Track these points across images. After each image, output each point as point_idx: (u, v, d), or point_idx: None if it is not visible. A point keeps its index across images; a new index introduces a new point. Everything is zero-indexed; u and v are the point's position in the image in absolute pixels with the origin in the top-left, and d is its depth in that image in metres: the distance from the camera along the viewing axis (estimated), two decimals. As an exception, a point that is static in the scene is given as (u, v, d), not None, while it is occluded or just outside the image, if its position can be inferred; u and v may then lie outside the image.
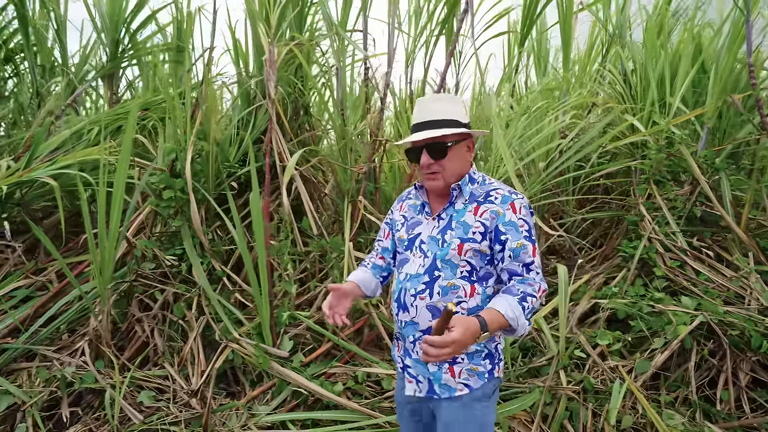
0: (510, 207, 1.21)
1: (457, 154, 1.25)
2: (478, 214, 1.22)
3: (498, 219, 1.20)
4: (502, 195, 1.23)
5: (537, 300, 1.16)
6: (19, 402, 2.09)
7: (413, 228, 1.30)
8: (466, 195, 1.25)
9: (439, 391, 1.24)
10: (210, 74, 2.88)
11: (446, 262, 1.21)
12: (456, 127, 1.23)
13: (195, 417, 1.99)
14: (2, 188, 2.54)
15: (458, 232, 1.21)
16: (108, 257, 2.14)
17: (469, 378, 1.22)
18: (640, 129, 3.10)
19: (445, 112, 1.24)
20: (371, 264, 1.44)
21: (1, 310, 2.50)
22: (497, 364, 1.27)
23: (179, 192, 2.55)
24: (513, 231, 1.19)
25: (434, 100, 1.27)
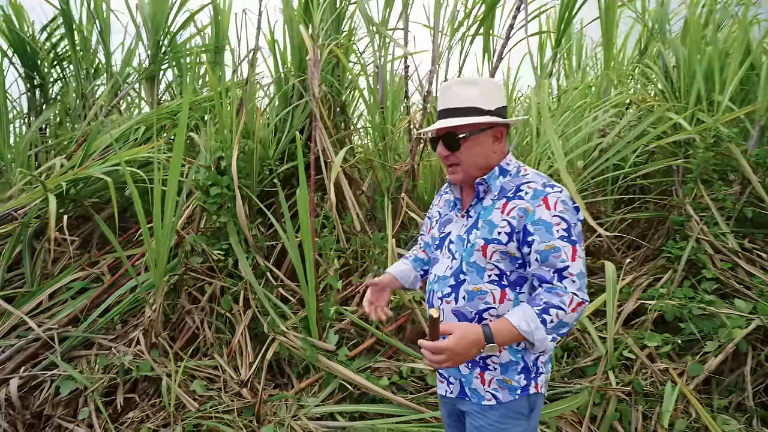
0: (542, 203, 1.05)
1: (475, 145, 1.12)
2: (505, 211, 1.09)
3: (527, 217, 1.06)
4: (534, 189, 1.08)
5: (566, 313, 1.00)
6: (81, 387, 2.20)
7: (444, 226, 1.22)
8: (495, 190, 1.13)
9: (469, 394, 1.17)
10: (254, 74, 2.96)
11: (472, 265, 1.11)
12: (475, 115, 1.10)
13: (246, 406, 2.05)
14: (63, 185, 2.67)
15: (483, 231, 1.10)
16: (163, 250, 2.23)
17: (499, 390, 1.12)
18: (686, 127, 3.01)
19: (464, 98, 1.11)
20: (413, 256, 1.40)
21: (61, 300, 2.63)
22: (535, 379, 1.13)
23: (225, 189, 2.63)
24: (543, 231, 1.04)
25: (456, 84, 1.14)
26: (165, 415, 2.10)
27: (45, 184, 2.70)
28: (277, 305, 2.43)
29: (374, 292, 1.29)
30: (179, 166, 2.23)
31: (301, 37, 3.12)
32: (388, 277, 1.33)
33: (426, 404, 2.03)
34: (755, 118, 2.94)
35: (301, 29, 2.74)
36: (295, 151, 3.22)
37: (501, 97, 1.15)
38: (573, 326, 1.05)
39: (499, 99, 1.14)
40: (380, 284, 1.29)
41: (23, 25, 4.37)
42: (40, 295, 2.55)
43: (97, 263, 2.92)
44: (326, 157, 2.56)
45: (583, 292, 1.04)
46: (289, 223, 2.26)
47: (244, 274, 2.50)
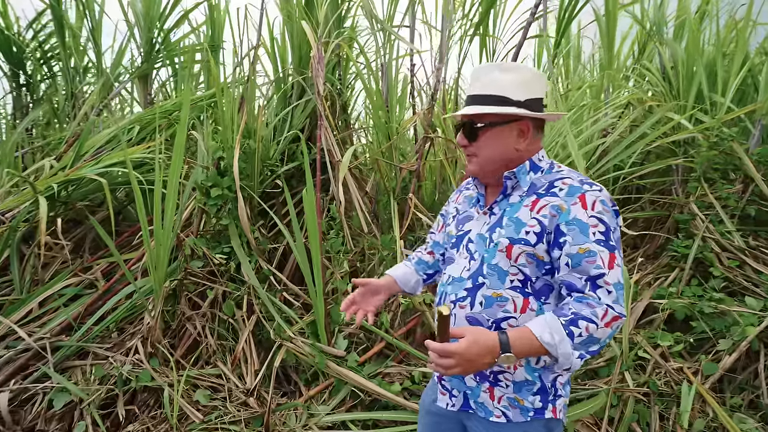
0: (578, 200, 0.94)
1: (494, 137, 1.02)
2: (535, 209, 0.98)
3: (560, 216, 0.95)
4: (570, 185, 0.97)
5: (598, 328, 0.88)
6: (76, 400, 2.09)
7: (463, 223, 1.11)
8: (524, 185, 1.03)
9: (474, 407, 1.06)
10: (255, 72, 2.88)
11: (493, 268, 1.00)
12: (501, 104, 0.99)
13: (254, 417, 1.96)
14: (54, 187, 2.55)
15: (508, 230, 0.99)
16: (163, 255, 2.13)
17: (510, 408, 1.02)
18: (688, 127, 3.02)
19: (492, 85, 1.00)
20: (416, 259, 1.30)
21: (53, 308, 2.51)
22: (553, 402, 1.01)
23: (227, 190, 2.54)
24: (577, 232, 0.93)
25: (488, 68, 1.03)
26: (167, 427, 2.00)
27: (34, 185, 2.58)
28: (282, 310, 2.35)
29: (361, 294, 1.19)
30: (180, 166, 2.14)
31: (300, 35, 3.06)
32: (388, 280, 1.23)
33: (440, 410, 1.97)
34: (755, 117, 2.97)
35: (305, 26, 2.67)
36: (296, 151, 3.17)
37: (537, 89, 1.04)
38: (606, 344, 0.91)
39: (535, 90, 1.03)
40: (370, 285, 1.19)
41: (8, 21, 4.21)
42: (30, 302, 2.43)
43: (90, 268, 2.80)
44: (332, 157, 2.49)
45: (620, 305, 0.91)
46: (296, 226, 2.18)
47: (247, 278, 2.41)
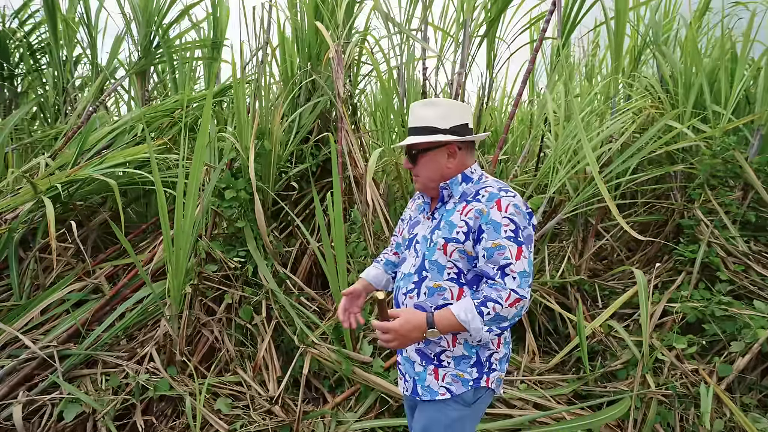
0: (495, 204, 1.14)
1: (430, 161, 1.23)
2: (464, 213, 1.18)
3: (481, 218, 1.14)
4: (490, 192, 1.17)
5: (503, 308, 1.08)
6: (89, 411, 1.99)
7: (413, 227, 1.31)
8: (456, 194, 1.23)
9: (421, 392, 1.23)
10: (266, 73, 2.81)
11: (433, 263, 1.19)
12: (430, 134, 1.20)
13: (281, 425, 1.91)
14: (58, 187, 2.43)
15: (444, 231, 1.19)
16: (183, 259, 2.06)
17: (453, 383, 1.20)
18: (691, 135, 3.12)
19: (423, 119, 1.22)
20: (384, 260, 1.47)
21: (56, 315, 2.39)
22: (487, 374, 1.21)
23: (243, 191, 2.48)
24: (491, 230, 1.12)
25: (418, 106, 1.25)
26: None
27: (36, 185, 2.45)
28: (303, 314, 2.31)
29: (349, 300, 1.38)
30: (201, 168, 2.07)
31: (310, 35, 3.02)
32: (363, 284, 1.41)
33: (469, 415, 1.96)
34: (755, 127, 3.09)
35: (320, 27, 2.63)
36: (304, 152, 3.12)
37: (459, 117, 1.23)
38: (515, 321, 1.12)
39: (457, 118, 1.23)
40: (354, 293, 1.37)
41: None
42: (34, 308, 2.30)
43: (93, 272, 2.68)
44: (351, 160, 2.46)
45: (523, 289, 1.10)
46: (323, 228, 2.14)
47: (265, 282, 2.35)
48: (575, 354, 2.58)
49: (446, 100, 1.27)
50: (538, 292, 3.03)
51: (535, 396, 2.12)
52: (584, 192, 3.08)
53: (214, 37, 4.11)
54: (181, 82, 4.07)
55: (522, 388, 2.19)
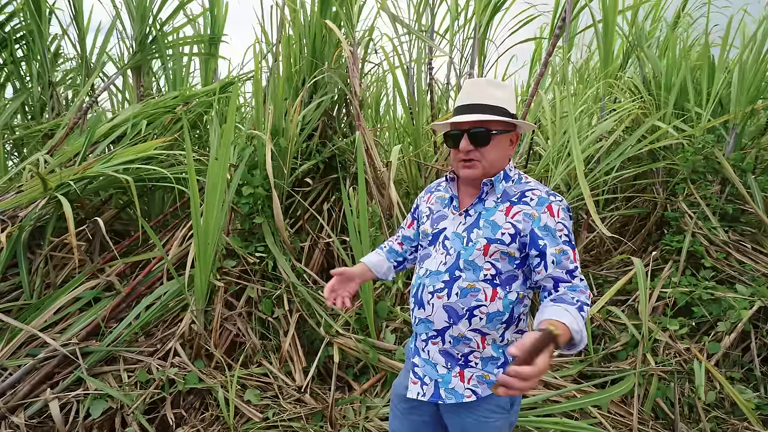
0: (547, 210, 1.11)
1: (500, 144, 1.16)
2: (510, 214, 1.13)
3: (533, 223, 1.11)
4: (539, 197, 1.14)
5: (589, 306, 1.08)
6: (116, 406, 2.00)
7: (438, 222, 1.22)
8: (498, 192, 1.17)
9: (444, 396, 1.16)
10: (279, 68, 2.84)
11: (469, 263, 1.13)
12: (505, 115, 1.14)
13: (313, 413, 1.98)
14: (71, 184, 2.40)
15: (486, 231, 1.13)
16: (209, 254, 2.09)
17: (479, 385, 1.15)
18: (674, 134, 3.37)
19: (495, 97, 1.14)
20: (388, 248, 1.42)
21: (70, 313, 2.36)
22: None
23: (260, 188, 2.51)
24: (550, 236, 1.10)
25: (486, 82, 1.17)
26: (219, 429, 1.98)
27: (47, 182, 2.41)
28: (324, 306, 2.37)
29: (339, 281, 1.29)
30: (227, 164, 2.10)
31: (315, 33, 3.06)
32: (361, 268, 1.34)
33: (489, 396, 2.09)
34: (729, 125, 3.36)
35: (332, 27, 2.69)
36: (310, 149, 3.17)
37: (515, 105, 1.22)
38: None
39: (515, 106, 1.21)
40: (345, 273, 1.29)
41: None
42: (50, 307, 2.27)
43: (103, 270, 2.65)
44: (369, 156, 2.53)
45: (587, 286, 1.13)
46: (351, 222, 2.21)
47: (285, 276, 2.41)
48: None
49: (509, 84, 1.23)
50: (537, 282, 3.20)
51: (545, 377, 2.27)
52: (576, 188, 3.27)
53: (211, 33, 4.06)
54: (178, 78, 4.02)
55: (533, 371, 2.34)
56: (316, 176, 3.19)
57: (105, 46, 4.22)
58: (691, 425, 2.10)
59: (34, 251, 2.59)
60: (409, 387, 1.22)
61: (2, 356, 2.05)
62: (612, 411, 2.13)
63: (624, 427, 2.03)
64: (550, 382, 2.31)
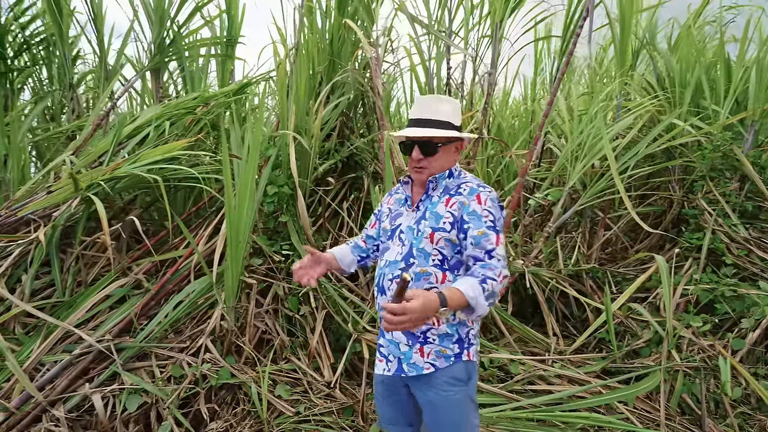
0: (475, 198, 1.28)
1: (445, 153, 1.33)
2: (448, 205, 1.30)
3: (463, 209, 1.27)
4: (470, 187, 1.31)
5: (497, 284, 1.19)
6: (150, 401, 2.05)
7: (395, 219, 1.40)
8: (441, 187, 1.35)
9: (407, 369, 1.32)
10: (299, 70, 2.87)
11: (420, 250, 1.29)
12: (449, 128, 1.31)
13: (344, 407, 2.02)
14: (102, 184, 2.45)
15: (431, 221, 1.30)
16: (239, 252, 2.13)
17: (437, 359, 1.30)
18: (691, 131, 3.37)
19: (441, 112, 1.32)
20: (354, 243, 1.58)
21: (101, 310, 2.41)
22: (467, 348, 1.33)
23: (285, 187, 2.55)
24: (475, 220, 1.26)
25: (433, 99, 1.35)
26: (251, 423, 2.02)
27: (79, 182, 2.46)
28: (351, 303, 2.41)
29: (310, 260, 1.43)
30: (256, 164, 2.14)
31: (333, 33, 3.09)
32: (329, 256, 1.49)
33: (516, 392, 2.12)
34: (748, 122, 3.36)
35: (353, 26, 2.72)
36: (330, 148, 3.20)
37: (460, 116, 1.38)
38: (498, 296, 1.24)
39: (460, 118, 1.38)
40: (317, 255, 1.44)
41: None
42: (84, 304, 2.32)
43: (130, 269, 2.71)
44: (392, 156, 2.56)
45: (506, 268, 1.26)
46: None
47: (311, 274, 2.44)
48: (596, 335, 2.77)
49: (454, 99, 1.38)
50: (554, 279, 3.22)
51: (569, 372, 2.30)
52: (596, 185, 3.29)
53: (228, 34, 4.11)
54: (196, 80, 4.07)
55: (557, 366, 2.36)
56: (334, 176, 3.23)
57: (123, 48, 4.29)
58: (718, 421, 2.12)
59: (65, 250, 2.65)
60: (376, 365, 1.40)
61: (40, 352, 2.11)
62: (638, 407, 2.15)
63: (651, 423, 2.05)
64: (574, 377, 2.33)
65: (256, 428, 2.00)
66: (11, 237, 2.46)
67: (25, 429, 1.91)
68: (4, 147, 3.25)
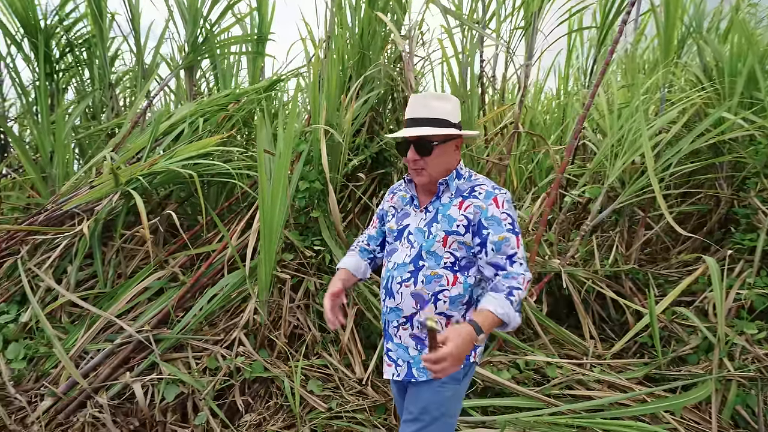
0: (493, 202, 1.25)
1: (443, 152, 1.28)
2: (462, 208, 1.27)
3: (481, 213, 1.24)
4: (486, 190, 1.27)
5: (522, 291, 1.19)
6: (187, 391, 2.09)
7: (402, 219, 1.36)
8: (452, 189, 1.31)
9: (416, 374, 1.30)
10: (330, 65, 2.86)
11: (431, 253, 1.27)
12: (445, 126, 1.27)
13: (376, 405, 2.00)
14: (140, 179, 2.52)
15: (443, 224, 1.27)
16: (273, 247, 2.14)
17: None
18: (742, 125, 3.15)
19: (436, 110, 1.27)
20: (359, 248, 1.52)
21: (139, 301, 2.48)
22: (474, 349, 1.32)
23: (317, 182, 2.55)
24: (495, 225, 1.23)
25: (428, 97, 1.30)
26: (284, 418, 2.03)
27: (119, 177, 2.54)
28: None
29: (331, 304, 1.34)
30: (289, 160, 2.14)
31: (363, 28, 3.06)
32: (345, 274, 1.43)
33: (554, 396, 2.04)
34: (810, 116, 3.11)
35: (385, 20, 2.68)
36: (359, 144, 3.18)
37: (459, 114, 1.34)
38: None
39: (458, 115, 1.33)
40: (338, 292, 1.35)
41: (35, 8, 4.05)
42: (124, 296, 2.40)
43: (167, 261, 2.77)
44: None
45: (528, 271, 1.24)
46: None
47: (342, 270, 2.43)
48: (637, 339, 2.64)
49: (453, 96, 1.33)
50: (591, 280, 3.09)
51: (610, 378, 2.19)
52: (636, 183, 3.13)
53: (258, 31, 4.16)
54: (228, 77, 4.14)
55: (597, 371, 2.26)
56: (364, 171, 3.21)
57: (159, 46, 4.41)
58: (777, 435, 1.97)
59: (106, 243, 2.75)
60: (384, 369, 1.38)
61: (84, 341, 2.19)
62: (686, 417, 2.03)
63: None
64: (616, 383, 2.22)
65: (289, 422, 2.02)
66: (58, 230, 2.57)
67: (71, 414, 1.99)
68: (51, 144, 3.40)
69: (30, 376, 2.14)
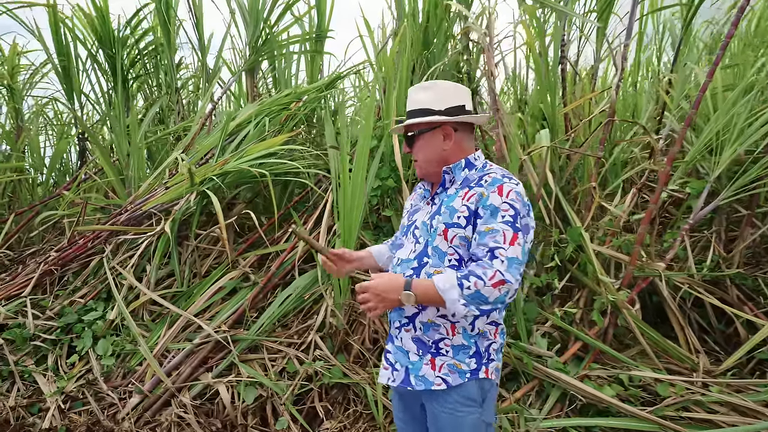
0: (496, 189, 1.12)
1: (427, 142, 1.22)
2: (465, 197, 1.16)
3: (480, 201, 1.12)
4: (493, 178, 1.16)
5: (485, 286, 1.03)
6: (265, 394, 2.05)
7: (413, 215, 1.30)
8: (459, 179, 1.22)
9: (414, 383, 1.18)
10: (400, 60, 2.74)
11: (435, 249, 1.17)
12: (426, 116, 1.20)
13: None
14: (214, 179, 2.53)
15: (444, 216, 1.17)
16: (349, 247, 2.05)
17: (449, 374, 1.16)
18: None
19: (417, 101, 1.23)
20: (391, 242, 1.49)
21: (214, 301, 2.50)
22: (486, 365, 1.17)
23: (390, 180, 2.44)
24: (488, 214, 1.10)
25: (413, 89, 1.25)
26: (365, 427, 1.94)
27: (194, 177, 2.57)
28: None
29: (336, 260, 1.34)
30: (366, 160, 2.05)
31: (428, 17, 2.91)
32: (364, 253, 1.42)
33: (667, 418, 1.80)
34: None
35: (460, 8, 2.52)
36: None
37: (456, 98, 1.21)
38: (498, 306, 1.06)
39: (453, 99, 1.21)
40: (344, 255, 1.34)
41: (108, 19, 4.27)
42: (201, 295, 2.42)
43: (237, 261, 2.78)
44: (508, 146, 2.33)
45: (511, 274, 1.05)
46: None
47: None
48: (755, 355, 2.30)
49: (443, 82, 1.25)
50: (687, 284, 2.75)
51: (733, 399, 1.90)
52: (745, 176, 2.74)
53: (317, 30, 4.13)
54: (288, 77, 4.15)
55: (715, 390, 1.97)
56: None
57: (221, 50, 4.52)
58: None
59: (181, 243, 2.80)
60: (380, 372, 1.27)
61: (167, 339, 2.22)
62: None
63: None
64: (738, 406, 1.93)
65: (369, 431, 1.92)
66: (140, 230, 2.65)
67: (157, 412, 2.02)
68: (127, 147, 3.56)
69: (118, 373, 2.20)
